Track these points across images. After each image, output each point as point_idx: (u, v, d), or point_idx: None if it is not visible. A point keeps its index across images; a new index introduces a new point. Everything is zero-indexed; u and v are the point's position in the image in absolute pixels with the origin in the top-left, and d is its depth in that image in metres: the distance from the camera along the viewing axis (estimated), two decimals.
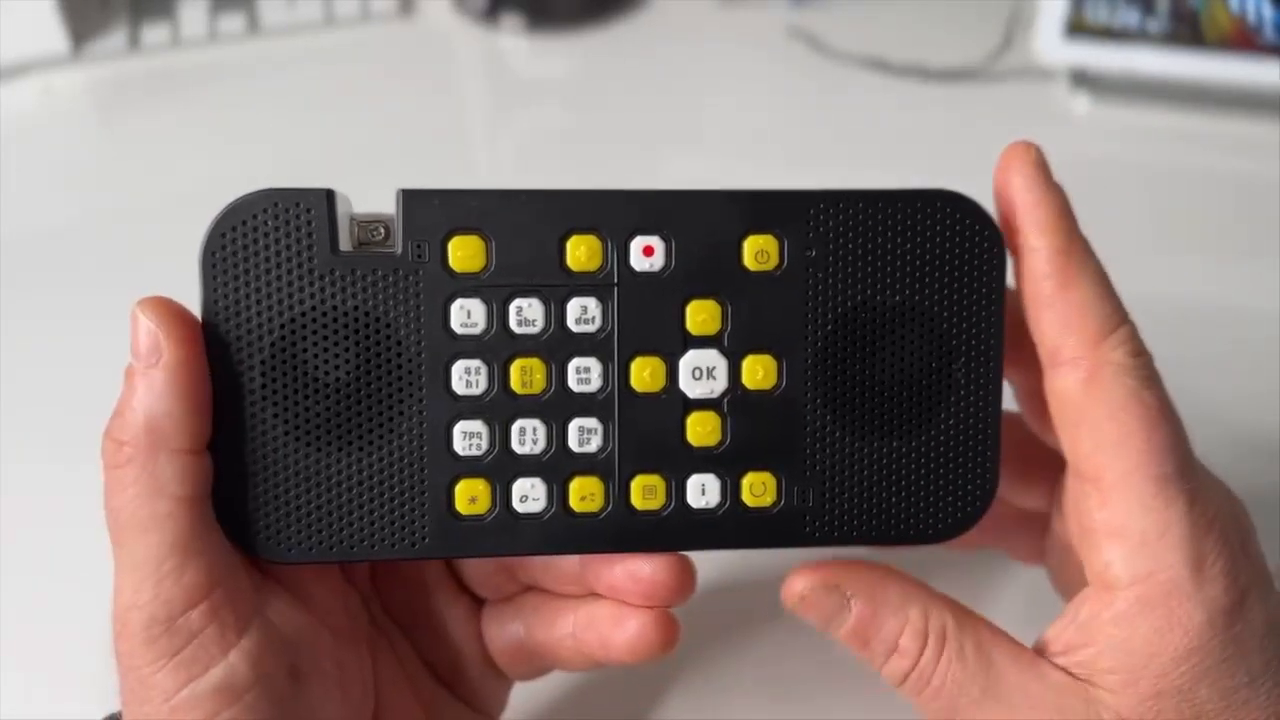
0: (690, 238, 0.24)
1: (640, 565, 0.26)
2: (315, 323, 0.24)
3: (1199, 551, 0.23)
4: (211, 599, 0.23)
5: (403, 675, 0.29)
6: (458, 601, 0.29)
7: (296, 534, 0.24)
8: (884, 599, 0.26)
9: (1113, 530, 0.24)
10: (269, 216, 0.23)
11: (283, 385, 0.24)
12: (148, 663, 0.23)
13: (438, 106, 0.69)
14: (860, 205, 0.25)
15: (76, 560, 0.39)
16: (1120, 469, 0.24)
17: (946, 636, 0.25)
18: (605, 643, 0.27)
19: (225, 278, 0.23)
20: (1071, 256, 0.24)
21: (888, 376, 0.25)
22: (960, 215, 0.25)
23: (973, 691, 0.25)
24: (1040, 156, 0.25)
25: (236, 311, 0.23)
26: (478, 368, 0.24)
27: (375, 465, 0.24)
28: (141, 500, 0.23)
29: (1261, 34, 0.61)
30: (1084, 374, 0.24)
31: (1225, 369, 0.46)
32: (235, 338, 0.23)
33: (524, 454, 0.25)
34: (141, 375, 0.23)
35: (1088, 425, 0.24)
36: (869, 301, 0.25)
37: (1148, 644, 0.23)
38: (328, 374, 0.24)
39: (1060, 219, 0.24)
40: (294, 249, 0.23)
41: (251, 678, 0.23)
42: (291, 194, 0.23)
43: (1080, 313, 0.24)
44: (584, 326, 0.24)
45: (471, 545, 0.25)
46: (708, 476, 0.25)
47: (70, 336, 0.49)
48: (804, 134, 0.66)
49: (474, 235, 0.24)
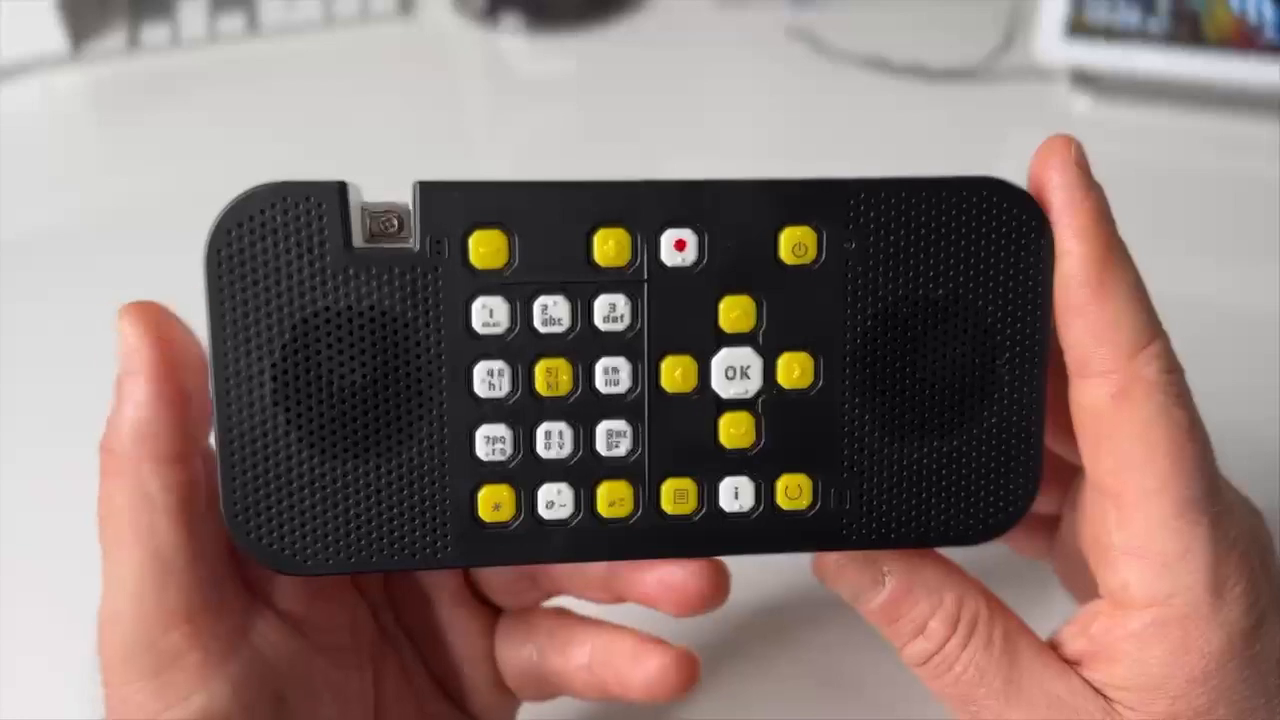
0: (724, 230, 0.23)
1: (673, 571, 0.25)
2: (329, 323, 0.22)
3: (1220, 575, 0.23)
4: (194, 622, 0.23)
5: (408, 691, 0.28)
6: (473, 614, 0.29)
7: (312, 545, 0.23)
8: (920, 578, 0.25)
9: (1131, 550, 0.23)
10: (278, 211, 0.22)
11: (295, 389, 0.23)
12: (126, 681, 0.23)
13: (438, 106, 0.69)
14: (903, 194, 0.24)
15: (73, 563, 0.39)
16: (1143, 489, 0.23)
17: (978, 624, 0.25)
18: (621, 679, 0.26)
19: (232, 276, 0.22)
20: (1108, 264, 0.23)
21: (929, 374, 0.24)
22: (1008, 204, 0.24)
23: (994, 683, 0.24)
24: (1080, 153, 0.23)
25: (245, 313, 0.22)
26: (501, 369, 0.23)
27: (393, 472, 0.23)
28: (125, 511, 0.22)
29: (1262, 34, 0.61)
30: (1114, 389, 0.23)
31: (1225, 369, 0.45)
32: (244, 340, 0.22)
33: (550, 458, 0.23)
34: (126, 383, 0.22)
35: (1114, 442, 0.23)
36: (910, 296, 0.24)
37: (1163, 665, 0.23)
38: (343, 377, 0.23)
39: (1099, 223, 0.23)
40: (305, 246, 0.22)
41: (235, 707, 0.23)
42: (301, 187, 0.22)
43: (1114, 324, 0.23)
44: (612, 325, 0.23)
45: (496, 554, 0.24)
46: (741, 479, 0.24)
47: (70, 337, 0.49)
48: (804, 134, 0.66)
49: (496, 230, 0.23)
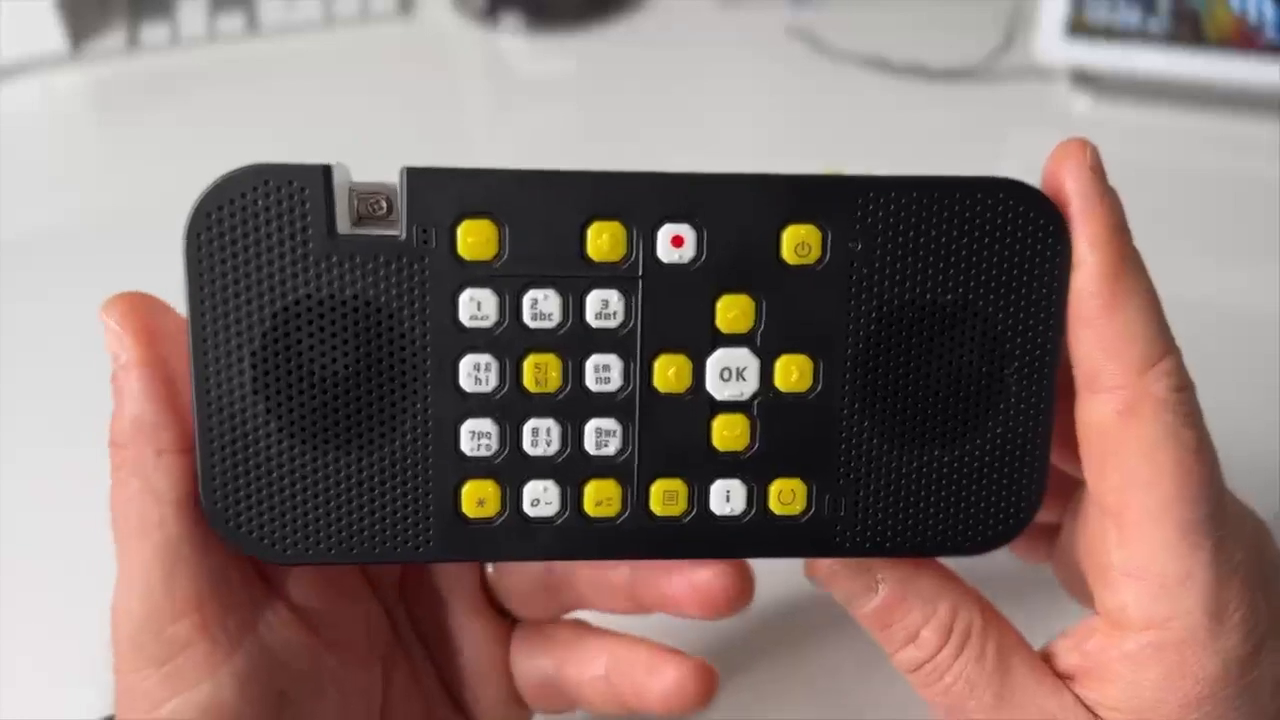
0: (724, 227, 0.23)
1: (699, 573, 0.25)
2: (311, 312, 0.22)
3: (1220, 600, 0.22)
4: (202, 612, 0.23)
5: (418, 697, 0.28)
6: (489, 622, 0.28)
7: (291, 535, 0.23)
8: (915, 587, 0.24)
9: (1130, 570, 0.23)
10: (259, 195, 0.22)
11: (275, 379, 0.22)
12: (135, 668, 0.23)
13: (437, 106, 0.69)
14: (914, 194, 0.23)
15: (74, 562, 0.39)
16: (1146, 509, 0.22)
17: (971, 636, 0.24)
18: (639, 690, 0.26)
19: (212, 262, 0.22)
20: (1121, 277, 0.22)
21: (933, 381, 0.23)
22: (1024, 207, 0.23)
23: (985, 697, 0.24)
24: (1096, 158, 0.23)
25: (224, 299, 0.22)
26: (488, 363, 0.23)
27: (376, 464, 0.23)
28: (134, 504, 0.22)
29: (1262, 34, 0.61)
30: (1122, 405, 0.22)
31: (1224, 369, 0.45)
32: (224, 327, 0.22)
33: (536, 455, 0.23)
34: (118, 378, 0.22)
35: (1119, 459, 0.22)
36: (917, 300, 0.23)
37: (1157, 689, 0.22)
38: (324, 367, 0.22)
39: (1114, 233, 0.22)
40: (287, 231, 0.22)
41: (239, 700, 0.23)
42: (284, 170, 0.22)
43: (1125, 339, 0.22)
44: (604, 321, 0.23)
45: (479, 549, 0.23)
46: (733, 482, 0.23)
47: (70, 336, 0.49)
48: (804, 134, 0.66)
49: (485, 220, 0.22)
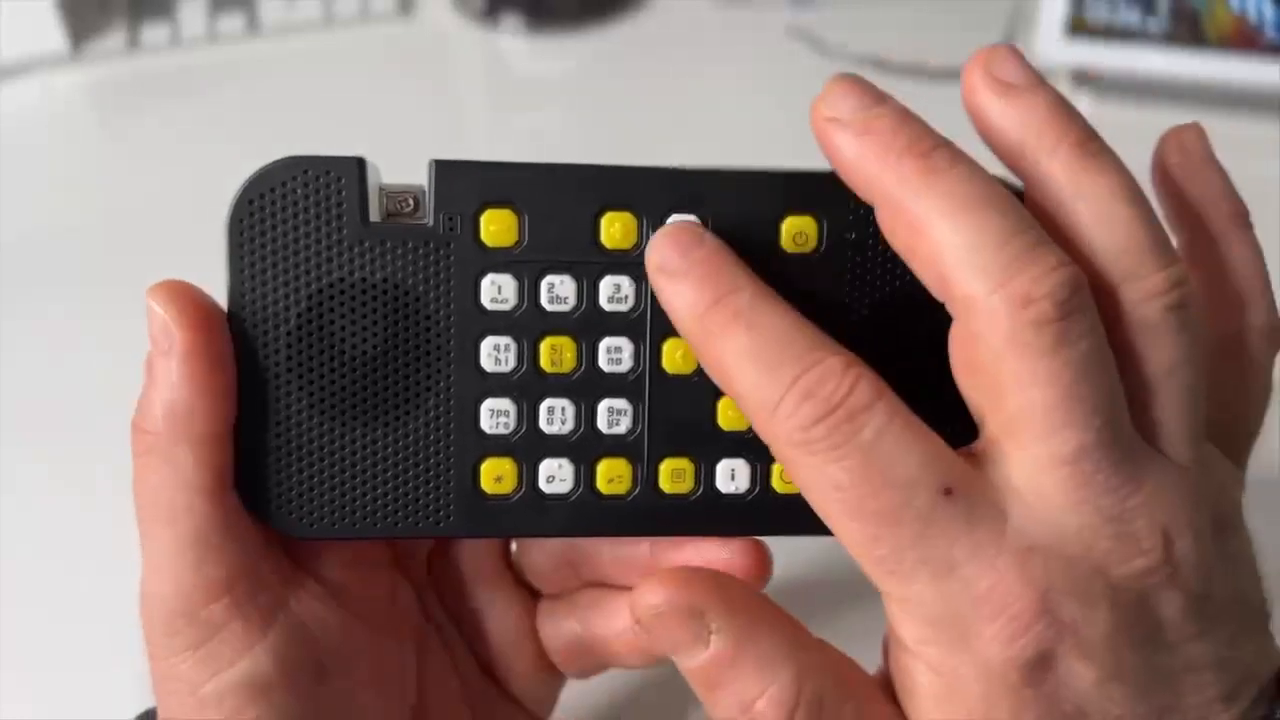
0: (728, 217, 0.24)
1: (717, 550, 0.25)
2: (343, 295, 0.23)
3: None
4: (234, 593, 0.23)
5: (451, 671, 0.28)
6: (514, 596, 0.29)
7: (318, 509, 0.24)
8: (752, 645, 0.22)
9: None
10: (298, 184, 0.23)
11: (308, 358, 0.23)
12: (172, 653, 0.23)
13: (437, 107, 0.69)
14: None
15: (75, 561, 0.40)
16: None
17: (822, 709, 0.21)
18: None
19: (253, 246, 0.23)
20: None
21: (927, 365, 0.24)
22: None
23: None
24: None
25: (263, 282, 0.23)
26: (507, 344, 0.24)
27: (400, 441, 0.24)
28: (162, 490, 0.22)
29: (1262, 34, 0.61)
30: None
31: None
32: (261, 308, 0.23)
33: (552, 434, 0.24)
34: (158, 363, 0.22)
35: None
36: (909, 287, 0.23)
37: None
38: (354, 347, 0.23)
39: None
40: (323, 219, 0.23)
41: (277, 674, 0.23)
42: (322, 161, 0.23)
43: None
44: (616, 305, 0.24)
45: (496, 525, 0.24)
46: (738, 461, 0.24)
47: (71, 337, 0.49)
48: (804, 134, 0.65)
49: (507, 209, 0.23)
